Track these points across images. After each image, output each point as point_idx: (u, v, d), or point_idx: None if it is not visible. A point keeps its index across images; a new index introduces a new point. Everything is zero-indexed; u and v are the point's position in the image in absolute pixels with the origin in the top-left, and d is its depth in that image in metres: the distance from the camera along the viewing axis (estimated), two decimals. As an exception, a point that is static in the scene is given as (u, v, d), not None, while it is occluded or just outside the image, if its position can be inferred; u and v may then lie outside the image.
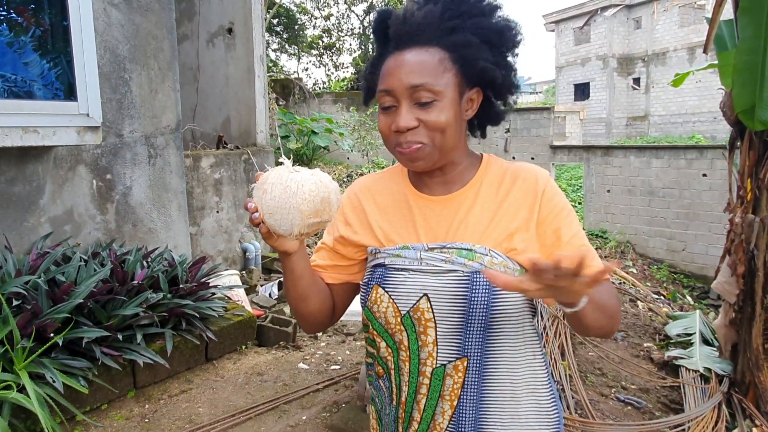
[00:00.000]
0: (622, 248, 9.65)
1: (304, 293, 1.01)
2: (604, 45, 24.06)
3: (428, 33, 0.94)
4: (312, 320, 1.06)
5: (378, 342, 1.02)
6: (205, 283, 3.44)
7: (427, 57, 0.93)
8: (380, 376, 1.04)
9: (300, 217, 0.85)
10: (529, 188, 0.99)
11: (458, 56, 0.94)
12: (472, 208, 0.99)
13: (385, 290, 0.97)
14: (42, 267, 2.83)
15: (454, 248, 0.95)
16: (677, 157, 9.09)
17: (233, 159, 5.42)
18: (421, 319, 0.95)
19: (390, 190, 1.06)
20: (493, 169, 1.03)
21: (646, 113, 23.56)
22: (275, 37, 19.27)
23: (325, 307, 1.06)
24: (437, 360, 0.95)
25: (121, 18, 3.52)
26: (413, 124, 0.92)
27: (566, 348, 3.53)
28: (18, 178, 3.11)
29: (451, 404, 0.96)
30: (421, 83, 0.91)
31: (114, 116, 3.53)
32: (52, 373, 2.35)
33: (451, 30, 0.94)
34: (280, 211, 0.85)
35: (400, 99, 0.93)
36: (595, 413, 2.94)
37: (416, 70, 0.92)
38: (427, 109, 0.92)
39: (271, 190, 0.86)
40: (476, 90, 0.98)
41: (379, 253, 1.01)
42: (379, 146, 13.38)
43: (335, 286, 1.09)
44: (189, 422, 2.68)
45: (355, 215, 1.07)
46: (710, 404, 2.99)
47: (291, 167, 0.89)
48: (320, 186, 0.87)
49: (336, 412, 2.81)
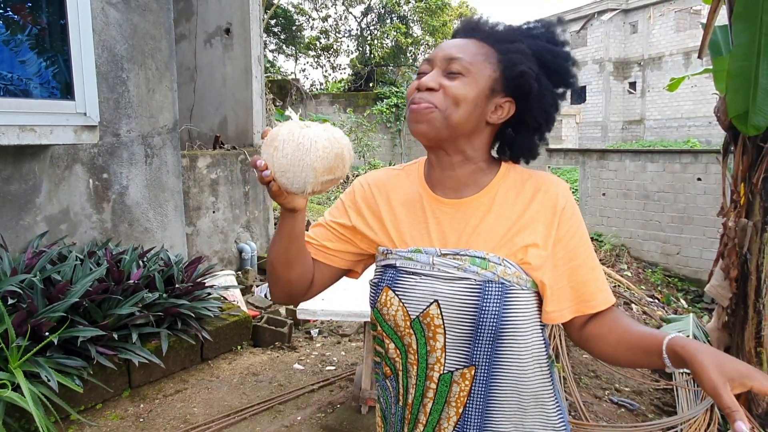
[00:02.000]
0: (617, 251, 9.68)
1: (292, 258, 0.98)
2: (601, 49, 24.16)
3: (490, 34, 0.97)
4: (287, 289, 1.02)
5: (387, 343, 1.01)
6: (200, 283, 3.44)
7: (476, 46, 0.96)
8: (387, 376, 1.04)
9: (314, 174, 0.83)
10: (549, 203, 0.96)
11: (505, 58, 0.95)
12: (487, 215, 0.97)
13: (396, 293, 0.96)
14: (38, 266, 2.83)
15: (467, 255, 0.93)
16: (672, 161, 9.13)
17: (230, 159, 5.42)
18: (430, 324, 0.94)
19: (404, 189, 1.04)
20: (512, 177, 1.00)
21: (642, 117, 23.66)
22: (273, 37, 19.27)
23: (305, 279, 1.03)
24: (445, 366, 0.95)
25: (119, 17, 3.52)
26: (434, 85, 0.93)
27: (560, 350, 3.54)
28: (14, 176, 3.11)
29: (456, 411, 0.96)
30: (457, 56, 0.93)
31: (111, 115, 3.53)
32: (47, 372, 2.35)
33: (512, 40, 0.96)
34: (293, 169, 0.82)
35: (434, 66, 0.95)
36: (588, 415, 2.96)
37: (460, 47, 0.95)
38: (452, 78, 0.93)
39: (283, 147, 0.82)
40: (509, 100, 0.97)
41: (390, 254, 1.00)
42: (375, 148, 13.39)
43: (322, 265, 1.06)
44: (184, 422, 2.68)
45: (369, 208, 1.05)
46: (703, 407, 3.00)
47: (301, 122, 0.85)
48: (333, 142, 0.84)
49: (331, 413, 2.82)
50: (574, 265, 0.96)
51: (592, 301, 0.95)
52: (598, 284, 0.96)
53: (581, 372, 3.56)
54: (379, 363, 1.07)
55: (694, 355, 0.77)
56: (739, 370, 0.74)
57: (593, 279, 0.96)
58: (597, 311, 0.96)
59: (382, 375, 1.06)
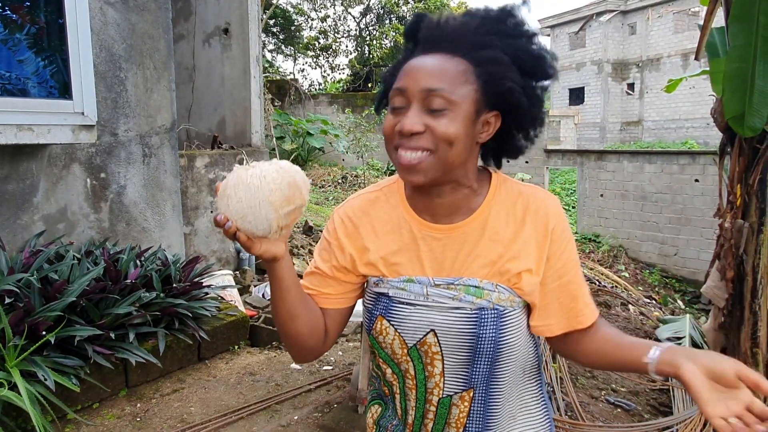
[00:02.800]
0: (614, 252, 9.70)
1: (293, 308, 0.93)
2: (599, 50, 24.21)
3: (458, 42, 0.89)
4: (303, 343, 0.96)
5: (384, 368, 1.00)
6: (198, 282, 3.44)
7: (450, 64, 0.87)
8: (386, 395, 1.05)
9: (273, 209, 0.80)
10: (541, 225, 0.94)
11: (483, 72, 0.87)
12: (479, 240, 0.94)
13: (391, 323, 0.94)
14: (35, 265, 2.83)
15: (461, 285, 0.92)
16: (670, 162, 9.16)
17: (228, 159, 5.42)
18: (428, 351, 0.94)
19: (388, 215, 0.98)
20: (502, 195, 0.96)
21: (640, 118, 23.71)
22: (272, 38, 19.28)
23: (317, 328, 0.97)
24: (444, 390, 0.95)
25: (117, 17, 3.52)
26: (419, 128, 0.85)
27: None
28: (12, 175, 3.11)
29: (457, 430, 0.97)
30: (436, 88, 0.85)
31: (109, 115, 3.53)
32: (44, 371, 2.35)
33: (483, 45, 0.88)
34: (252, 211, 0.80)
35: (411, 100, 0.87)
36: (585, 415, 2.96)
37: (435, 74, 0.86)
38: (437, 116, 0.85)
39: (235, 193, 0.80)
40: (495, 114, 0.91)
41: (382, 283, 0.97)
42: (374, 148, 13.39)
43: (331, 311, 1.00)
44: (181, 421, 2.69)
45: (353, 244, 0.99)
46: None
47: (246, 165, 0.83)
48: (282, 172, 0.82)
49: (328, 413, 2.82)
50: (564, 282, 0.95)
51: (580, 317, 0.96)
52: (585, 299, 0.97)
53: (578, 372, 3.57)
54: (377, 378, 1.07)
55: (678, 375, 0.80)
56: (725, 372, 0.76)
57: (581, 294, 0.96)
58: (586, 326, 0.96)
59: (381, 393, 1.07)
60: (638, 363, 0.86)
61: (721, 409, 0.74)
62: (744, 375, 0.75)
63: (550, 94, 28.11)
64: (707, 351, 0.80)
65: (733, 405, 0.74)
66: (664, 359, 0.82)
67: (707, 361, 0.78)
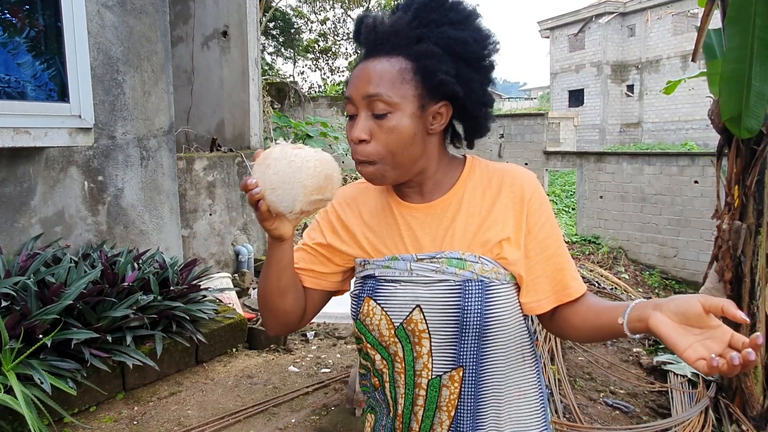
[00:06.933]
0: (614, 254, 9.69)
1: (285, 287, 0.98)
2: (599, 52, 24.23)
3: (394, 41, 0.90)
4: (283, 319, 1.01)
5: (372, 355, 1.00)
6: (196, 285, 3.44)
7: (387, 66, 0.89)
8: (376, 388, 1.04)
9: (303, 192, 0.84)
10: (516, 195, 0.96)
11: (420, 67, 0.89)
12: (457, 214, 0.96)
13: (377, 302, 0.96)
14: (32, 268, 2.83)
15: (444, 258, 0.93)
16: (669, 163, 9.16)
17: (227, 162, 5.42)
18: (415, 330, 0.94)
19: (374, 200, 1.04)
20: (477, 173, 1.00)
21: (639, 120, 23.72)
22: (271, 40, 19.31)
23: (299, 307, 1.02)
24: (432, 371, 0.94)
25: (114, 20, 3.53)
26: (364, 136, 0.90)
27: (555, 352, 3.55)
28: (9, 178, 3.11)
29: (448, 415, 0.96)
30: (375, 93, 0.88)
31: (106, 118, 3.53)
32: (41, 374, 2.35)
33: (418, 39, 0.90)
34: (284, 186, 0.83)
35: (358, 108, 0.91)
36: (583, 417, 2.96)
37: (373, 79, 0.88)
38: (381, 121, 0.89)
39: (275, 165, 0.84)
40: (444, 103, 0.93)
41: (368, 264, 0.99)
42: (373, 150, 13.39)
43: (312, 291, 1.05)
44: (178, 424, 2.68)
45: (341, 224, 1.04)
46: (697, 409, 3.01)
47: (294, 144, 0.87)
48: (325, 163, 0.86)
49: (325, 415, 2.82)
50: (548, 255, 0.96)
51: (568, 289, 0.96)
52: (572, 273, 0.97)
53: (576, 374, 3.57)
54: (365, 375, 1.07)
55: (649, 329, 0.78)
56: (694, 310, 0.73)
57: (567, 267, 0.97)
58: (574, 298, 0.96)
59: (371, 387, 1.06)
60: (615, 326, 0.84)
61: (699, 350, 0.71)
62: (708, 305, 0.71)
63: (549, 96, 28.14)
64: (674, 296, 0.76)
65: (711, 344, 0.71)
66: (633, 316, 0.80)
67: (674, 306, 0.75)
